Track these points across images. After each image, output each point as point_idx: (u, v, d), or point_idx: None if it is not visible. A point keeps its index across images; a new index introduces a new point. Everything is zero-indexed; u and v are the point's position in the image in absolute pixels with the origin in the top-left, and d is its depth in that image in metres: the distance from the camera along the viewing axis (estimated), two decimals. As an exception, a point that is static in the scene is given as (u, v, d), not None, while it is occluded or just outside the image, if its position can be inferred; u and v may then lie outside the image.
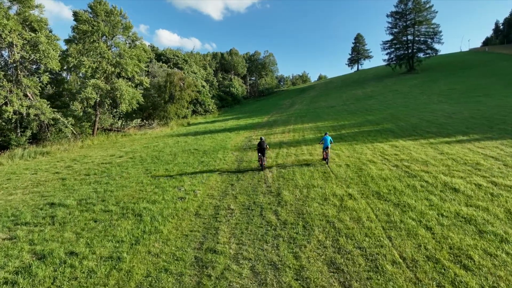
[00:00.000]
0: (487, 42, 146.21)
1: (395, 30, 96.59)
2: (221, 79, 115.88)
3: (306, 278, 7.61)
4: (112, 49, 42.48)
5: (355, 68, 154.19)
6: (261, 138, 19.15)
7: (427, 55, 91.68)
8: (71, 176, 20.06)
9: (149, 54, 77.29)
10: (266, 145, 19.02)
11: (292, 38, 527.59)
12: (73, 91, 42.53)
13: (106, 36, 40.17)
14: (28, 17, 33.58)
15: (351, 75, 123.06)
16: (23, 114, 35.30)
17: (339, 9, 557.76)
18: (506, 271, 7.30)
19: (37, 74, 37.69)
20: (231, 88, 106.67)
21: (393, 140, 23.49)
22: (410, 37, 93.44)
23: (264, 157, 18.76)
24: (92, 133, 42.09)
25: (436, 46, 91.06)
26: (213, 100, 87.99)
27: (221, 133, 38.16)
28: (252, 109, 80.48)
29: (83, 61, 36.72)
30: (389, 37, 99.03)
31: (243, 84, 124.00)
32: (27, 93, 35.33)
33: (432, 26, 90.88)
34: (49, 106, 39.56)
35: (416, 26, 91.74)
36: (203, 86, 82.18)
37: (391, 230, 9.31)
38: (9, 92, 32.32)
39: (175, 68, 72.04)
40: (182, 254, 8.99)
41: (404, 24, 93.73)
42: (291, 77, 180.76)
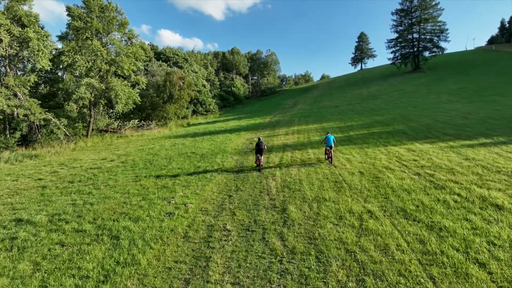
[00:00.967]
0: (493, 41, 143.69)
1: (400, 28, 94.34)
2: (223, 79, 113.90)
3: None
4: (108, 47, 40.54)
5: (359, 67, 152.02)
6: (259, 139, 18.89)
7: (433, 54, 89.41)
8: (54, 184, 18.09)
9: (148, 53, 75.68)
10: (264, 146, 18.74)
11: (294, 38, 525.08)
12: (69, 91, 40.67)
13: (101, 33, 38.22)
14: (17, 12, 31.68)
15: (355, 74, 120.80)
16: (13, 114, 33.51)
17: (342, 8, 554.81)
18: None
19: (28, 73, 35.89)
20: (233, 88, 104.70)
21: (408, 143, 21.41)
22: (416, 35, 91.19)
23: (261, 157, 18.42)
24: (86, 135, 40.16)
25: (443, 44, 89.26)
26: (214, 100, 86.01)
27: (221, 135, 36.15)
28: (254, 109, 78.46)
29: (77, 60, 34.78)
30: (394, 35, 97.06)
31: (245, 84, 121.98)
32: (17, 93, 33.50)
33: (438, 24, 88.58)
34: (41, 106, 37.81)
35: (422, 24, 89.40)
36: (204, 86, 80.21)
37: (432, 266, 7.23)
38: (-5, 91, 30.44)
39: (175, 67, 70.12)
40: (163, 296, 6.98)
41: (410, 22, 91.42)
42: (294, 77, 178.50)
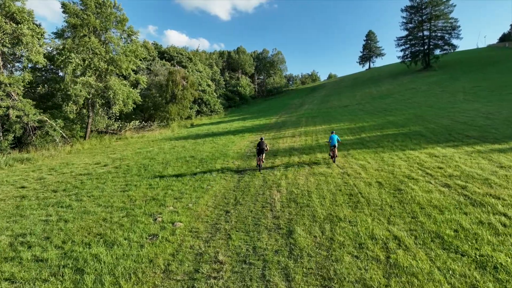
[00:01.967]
0: (504, 38, 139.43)
1: (410, 26, 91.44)
2: (228, 78, 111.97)
3: None
4: (109, 45, 38.81)
5: (367, 66, 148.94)
6: (261, 138, 18.74)
7: (445, 51, 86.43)
8: (35, 194, 16.29)
9: (152, 52, 74.15)
10: (266, 146, 18.51)
11: (301, 37, 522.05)
12: (68, 92, 38.98)
13: (99, 30, 36.53)
14: (10, 8, 30.09)
15: (363, 73, 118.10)
16: (8, 116, 31.94)
17: (349, 7, 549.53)
18: None
19: (22, 71, 34.37)
20: (238, 88, 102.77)
21: (428, 147, 19.24)
22: (426, 33, 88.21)
23: (262, 157, 18.34)
24: (85, 137, 38.54)
25: (454, 42, 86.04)
26: (219, 100, 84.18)
27: (224, 136, 34.23)
28: (260, 109, 76.45)
29: (71, 58, 33.09)
30: (404, 33, 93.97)
31: (251, 83, 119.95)
32: (12, 93, 31.94)
33: (450, 21, 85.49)
34: (38, 107, 36.25)
35: (433, 21, 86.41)
36: (209, 85, 78.42)
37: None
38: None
39: (177, 66, 68.41)
40: None
41: (420, 19, 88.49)
42: (300, 76, 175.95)
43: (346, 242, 8.52)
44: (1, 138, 31.48)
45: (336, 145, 18.11)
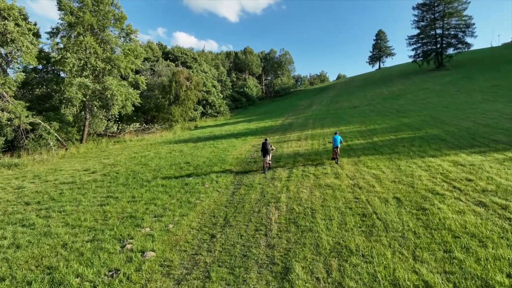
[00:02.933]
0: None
1: (422, 24, 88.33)
2: (235, 79, 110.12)
3: None
4: (106, 43, 37.10)
5: (377, 66, 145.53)
6: (266, 140, 18.42)
7: (458, 50, 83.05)
8: (4, 207, 14.45)
9: (156, 53, 72.65)
10: (271, 146, 18.32)
11: (309, 38, 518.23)
12: (64, 95, 37.42)
13: (95, 29, 34.83)
14: (-1, 5, 28.56)
15: (374, 73, 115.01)
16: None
17: (358, 7, 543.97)
18: None
19: (16, 71, 32.84)
20: (245, 89, 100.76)
21: (451, 153, 16.90)
22: (439, 31, 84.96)
23: (269, 157, 18.08)
24: (81, 140, 36.87)
25: (469, 40, 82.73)
26: (225, 101, 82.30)
27: (226, 140, 32.21)
28: (267, 111, 74.30)
29: (67, 57, 31.42)
30: (416, 32, 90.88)
31: (258, 84, 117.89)
32: (4, 94, 30.43)
33: (464, 18, 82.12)
34: (35, 109, 34.84)
35: (446, 19, 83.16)
36: (214, 86, 76.56)
37: None
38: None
39: (181, 67, 66.67)
40: None
41: (432, 17, 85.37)
42: (309, 77, 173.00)
43: (360, 290, 6.37)
44: (-8, 142, 29.98)
45: (339, 146, 18.03)
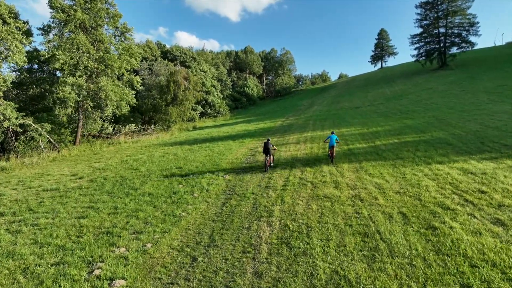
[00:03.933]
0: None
1: (425, 22, 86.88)
2: (235, 79, 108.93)
3: None
4: (99, 42, 35.97)
5: (379, 66, 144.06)
6: (268, 140, 18.89)
7: (462, 49, 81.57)
8: (-23, 218, 13.37)
9: (155, 52, 71.57)
10: (273, 146, 18.98)
11: (311, 37, 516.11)
12: (57, 95, 36.40)
13: (88, 27, 33.71)
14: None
15: (376, 73, 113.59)
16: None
17: (360, 6, 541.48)
18: None
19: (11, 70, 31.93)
20: (246, 88, 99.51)
21: (459, 159, 15.70)
22: (442, 30, 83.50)
23: (270, 157, 18.58)
24: (74, 142, 35.81)
25: (472, 39, 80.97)
26: (225, 101, 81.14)
27: (223, 142, 31.06)
28: (267, 111, 73.13)
29: (57, 55, 30.33)
30: (418, 30, 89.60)
31: (259, 84, 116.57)
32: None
33: (468, 17, 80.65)
34: (23, 110, 33.76)
35: (449, 17, 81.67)
36: (214, 86, 75.40)
37: None
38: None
39: (179, 66, 65.52)
40: None
41: (436, 15, 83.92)
42: (310, 76, 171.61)
43: None
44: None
45: (335, 145, 18.52)
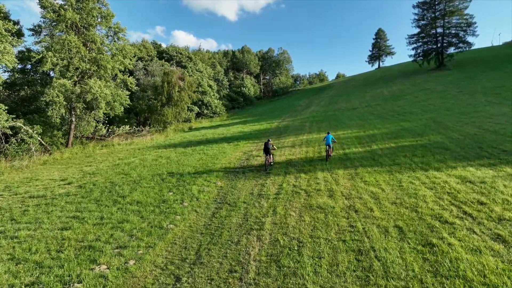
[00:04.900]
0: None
1: (423, 23, 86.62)
2: (232, 78, 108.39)
3: None
4: (91, 42, 35.29)
5: (376, 65, 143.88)
6: (268, 140, 19.85)
7: (459, 49, 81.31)
8: (-43, 228, 12.81)
9: (151, 52, 70.86)
10: (272, 145, 19.94)
11: (308, 37, 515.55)
12: (44, 97, 35.69)
13: (80, 27, 33.06)
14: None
15: (374, 73, 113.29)
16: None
17: (357, 5, 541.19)
18: None
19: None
20: (243, 88, 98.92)
21: (457, 166, 15.26)
22: (440, 30, 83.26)
23: (270, 156, 19.40)
24: (67, 144, 35.20)
25: (470, 39, 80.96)
26: (222, 101, 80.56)
27: (217, 145, 30.54)
28: (264, 111, 72.65)
29: (48, 56, 29.71)
30: (416, 30, 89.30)
31: (256, 84, 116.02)
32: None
33: (465, 17, 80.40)
34: (15, 111, 33.05)
35: (447, 18, 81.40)
36: (210, 86, 74.77)
37: None
38: None
39: (174, 66, 64.93)
40: None
41: (433, 16, 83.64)
42: (308, 76, 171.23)
43: None
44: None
45: (331, 145, 19.84)
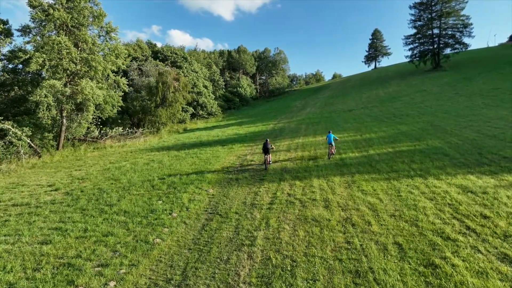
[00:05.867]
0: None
1: (419, 23, 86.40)
2: (228, 79, 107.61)
3: None
4: (82, 43, 34.42)
5: (373, 66, 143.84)
6: (267, 140, 20.56)
7: (456, 51, 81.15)
8: None
9: (145, 51, 70.01)
10: (271, 145, 20.62)
11: (305, 37, 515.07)
12: (30, 97, 34.80)
13: (70, 27, 32.21)
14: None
15: (370, 73, 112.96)
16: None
17: (354, 5, 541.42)
18: None
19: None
20: (239, 88, 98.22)
21: (458, 174, 14.73)
22: (436, 31, 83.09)
23: (269, 156, 20.34)
24: (57, 146, 34.37)
25: (466, 40, 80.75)
26: (217, 102, 79.85)
27: (211, 148, 29.86)
28: (259, 112, 72.04)
29: (36, 57, 28.86)
30: (412, 31, 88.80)
31: (252, 84, 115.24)
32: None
33: (462, 18, 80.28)
34: (10, 112, 32.36)
35: (443, 18, 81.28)
36: (205, 87, 74.03)
37: None
38: None
39: (169, 67, 64.11)
40: None
41: (430, 16, 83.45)
42: (304, 76, 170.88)
43: None
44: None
45: (333, 143, 21.00)
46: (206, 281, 8.25)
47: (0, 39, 28.01)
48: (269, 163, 20.58)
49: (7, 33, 32.26)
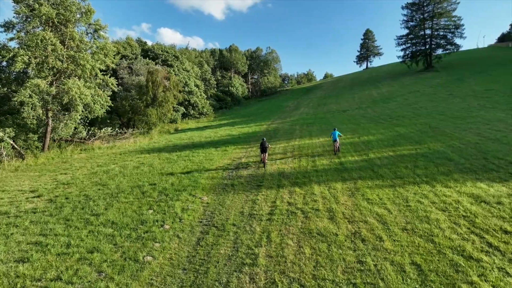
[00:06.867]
0: (504, 38, 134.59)
1: (411, 24, 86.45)
2: (220, 78, 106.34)
3: None
4: (69, 40, 32.92)
5: (364, 66, 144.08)
6: (263, 139, 21.19)
7: (447, 51, 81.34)
8: None
9: (135, 50, 68.33)
10: (268, 145, 21.03)
11: (296, 37, 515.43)
12: (13, 98, 33.18)
13: (56, 23, 30.72)
14: None
15: (361, 74, 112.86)
16: None
17: (345, 5, 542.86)
18: None
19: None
20: (230, 88, 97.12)
21: (467, 181, 14.00)
22: (428, 31, 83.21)
23: (266, 154, 20.62)
24: (43, 148, 32.83)
25: (458, 41, 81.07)
26: (209, 101, 78.57)
27: (204, 150, 28.76)
28: (252, 112, 71.11)
29: (20, 54, 27.40)
30: (405, 31, 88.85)
31: (244, 83, 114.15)
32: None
33: (453, 19, 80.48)
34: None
35: (435, 19, 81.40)
36: (197, 86, 72.74)
37: None
38: None
39: (159, 65, 62.66)
40: None
41: (422, 17, 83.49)
42: (296, 76, 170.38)
43: None
44: None
45: (338, 140, 21.90)
46: (204, 311, 7.26)
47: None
48: (266, 161, 20.81)
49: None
